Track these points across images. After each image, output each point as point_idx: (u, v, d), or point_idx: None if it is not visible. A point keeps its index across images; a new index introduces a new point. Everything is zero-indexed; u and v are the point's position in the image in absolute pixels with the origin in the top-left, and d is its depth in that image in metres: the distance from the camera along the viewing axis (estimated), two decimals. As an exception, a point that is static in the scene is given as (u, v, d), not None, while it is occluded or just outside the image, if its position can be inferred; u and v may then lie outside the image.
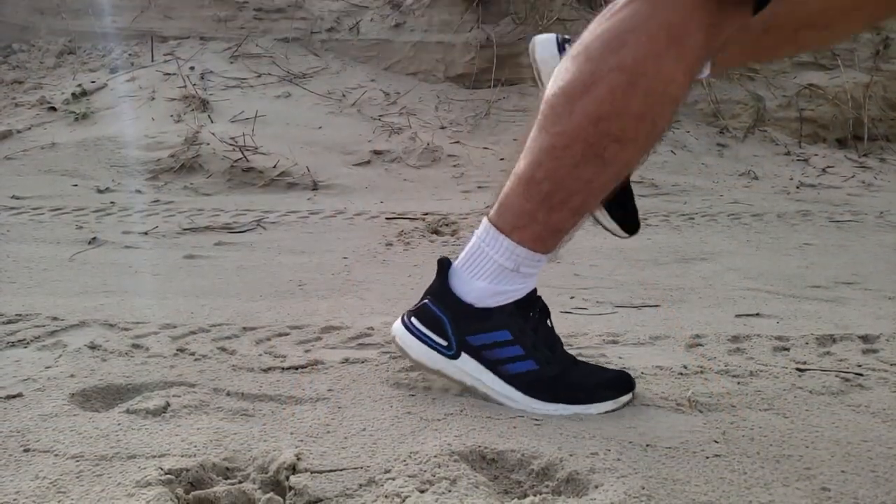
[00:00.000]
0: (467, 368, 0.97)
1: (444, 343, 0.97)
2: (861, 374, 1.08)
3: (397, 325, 1.02)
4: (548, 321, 1.01)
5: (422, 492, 0.72)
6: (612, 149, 0.87)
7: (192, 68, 4.03)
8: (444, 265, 0.99)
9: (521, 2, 4.21)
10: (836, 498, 0.74)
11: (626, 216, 1.08)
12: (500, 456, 0.81)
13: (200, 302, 1.48)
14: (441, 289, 0.98)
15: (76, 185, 2.88)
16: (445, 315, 0.97)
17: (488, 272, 0.95)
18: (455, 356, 0.97)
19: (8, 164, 3.09)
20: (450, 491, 0.72)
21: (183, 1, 4.51)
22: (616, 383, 0.98)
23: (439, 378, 1.00)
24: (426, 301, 0.99)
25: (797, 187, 3.21)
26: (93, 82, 3.93)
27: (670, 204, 2.81)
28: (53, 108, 3.67)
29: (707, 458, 0.82)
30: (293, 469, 0.77)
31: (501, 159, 3.32)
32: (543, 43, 1.16)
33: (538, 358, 0.96)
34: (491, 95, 4.05)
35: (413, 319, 1.00)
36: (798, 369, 1.11)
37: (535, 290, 0.99)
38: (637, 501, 0.71)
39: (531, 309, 0.98)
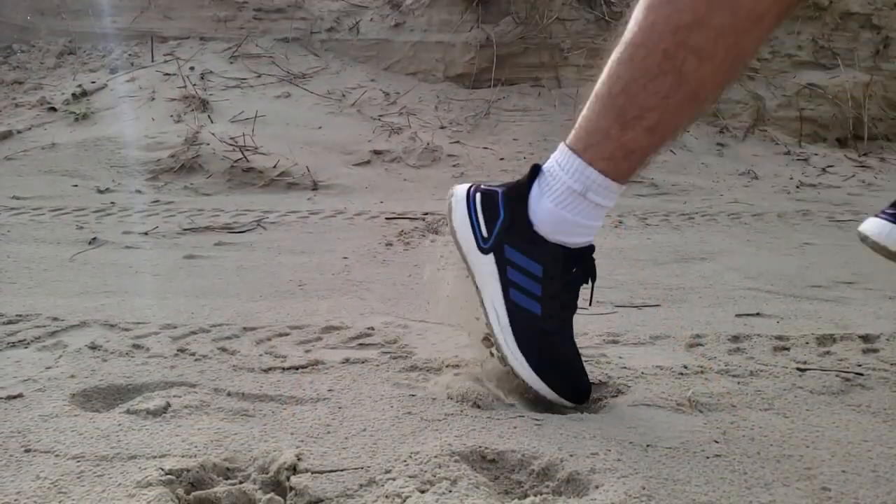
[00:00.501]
0: (486, 269, 0.98)
1: (485, 235, 0.98)
2: (861, 374, 1.08)
3: (461, 189, 1.03)
4: (579, 288, 0.98)
5: (422, 492, 0.72)
6: (691, 63, 0.84)
7: (192, 68, 4.03)
8: (535, 171, 0.98)
9: (521, 2, 4.21)
10: (837, 498, 0.74)
11: None
12: (501, 456, 0.81)
13: (201, 302, 1.48)
14: (518, 193, 0.98)
15: (76, 186, 2.88)
16: (505, 214, 0.97)
17: (556, 192, 0.94)
18: (485, 252, 0.98)
19: (8, 164, 3.09)
20: (450, 491, 0.72)
21: (183, 1, 4.51)
22: (573, 391, 0.95)
23: (454, 256, 1.01)
24: (500, 191, 1.00)
25: (797, 187, 3.21)
26: (93, 82, 3.94)
27: (670, 204, 2.81)
28: (53, 109, 3.68)
29: (707, 458, 0.82)
30: (294, 469, 0.77)
31: (501, 159, 3.32)
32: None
33: (546, 307, 0.95)
34: (491, 95, 4.05)
35: (477, 196, 1.01)
36: (798, 369, 1.11)
37: (591, 249, 0.97)
38: (637, 502, 0.71)
39: (576, 265, 0.97)
